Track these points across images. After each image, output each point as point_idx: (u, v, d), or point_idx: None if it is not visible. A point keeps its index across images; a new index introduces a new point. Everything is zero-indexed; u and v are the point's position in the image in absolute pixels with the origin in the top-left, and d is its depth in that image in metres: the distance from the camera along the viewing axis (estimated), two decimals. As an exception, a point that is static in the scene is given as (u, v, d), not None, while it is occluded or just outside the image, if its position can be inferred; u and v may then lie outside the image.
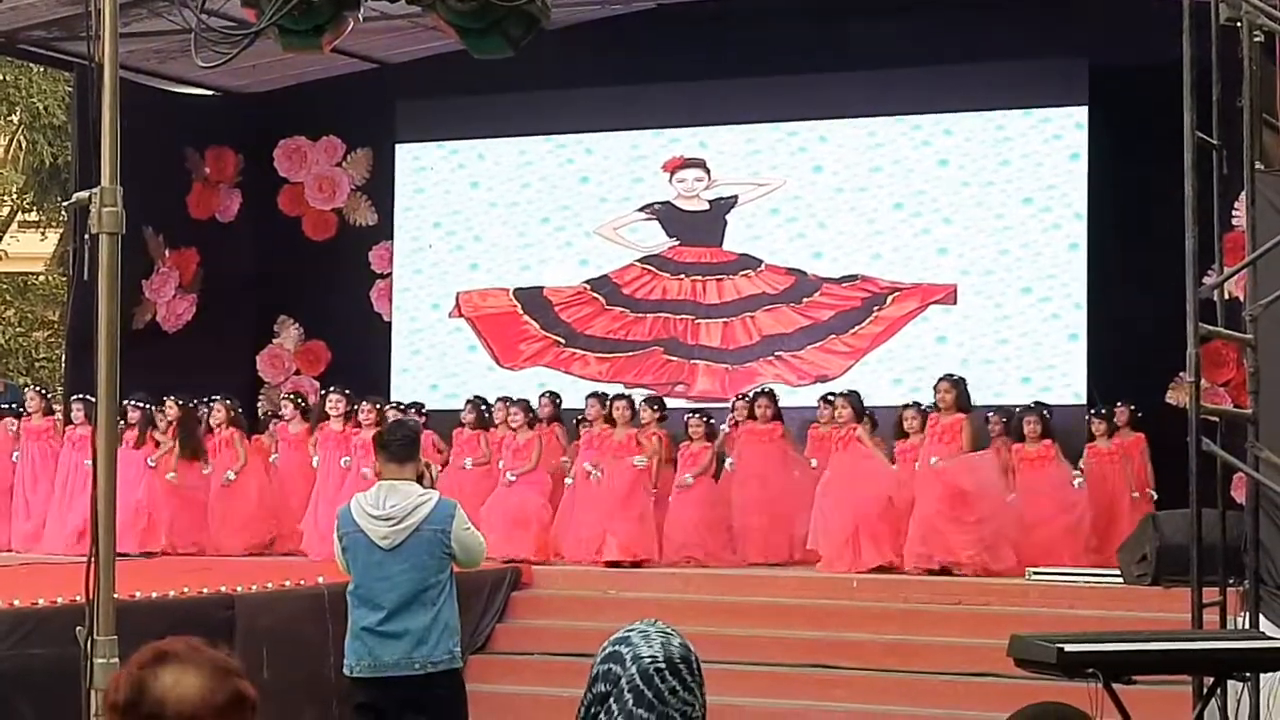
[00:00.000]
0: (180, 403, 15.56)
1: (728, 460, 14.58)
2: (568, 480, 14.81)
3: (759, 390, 15.19)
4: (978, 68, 16.03)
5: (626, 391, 15.14)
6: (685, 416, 14.82)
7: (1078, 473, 13.95)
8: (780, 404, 15.05)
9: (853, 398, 14.24)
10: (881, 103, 16.39)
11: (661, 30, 16.57)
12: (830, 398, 14.90)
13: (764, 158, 16.93)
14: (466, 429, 15.28)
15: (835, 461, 14.03)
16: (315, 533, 14.49)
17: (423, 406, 16.00)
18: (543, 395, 15.77)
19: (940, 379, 13.91)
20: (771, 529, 14.48)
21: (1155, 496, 14.06)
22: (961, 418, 13.65)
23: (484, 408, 15.46)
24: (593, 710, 3.21)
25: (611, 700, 3.18)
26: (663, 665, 3.19)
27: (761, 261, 16.85)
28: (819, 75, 16.40)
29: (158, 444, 15.27)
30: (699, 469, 14.42)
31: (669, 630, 3.27)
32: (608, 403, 14.70)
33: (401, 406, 15.81)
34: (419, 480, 7.67)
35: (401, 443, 7.70)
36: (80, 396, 15.08)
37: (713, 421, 14.72)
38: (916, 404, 14.14)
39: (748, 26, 16.43)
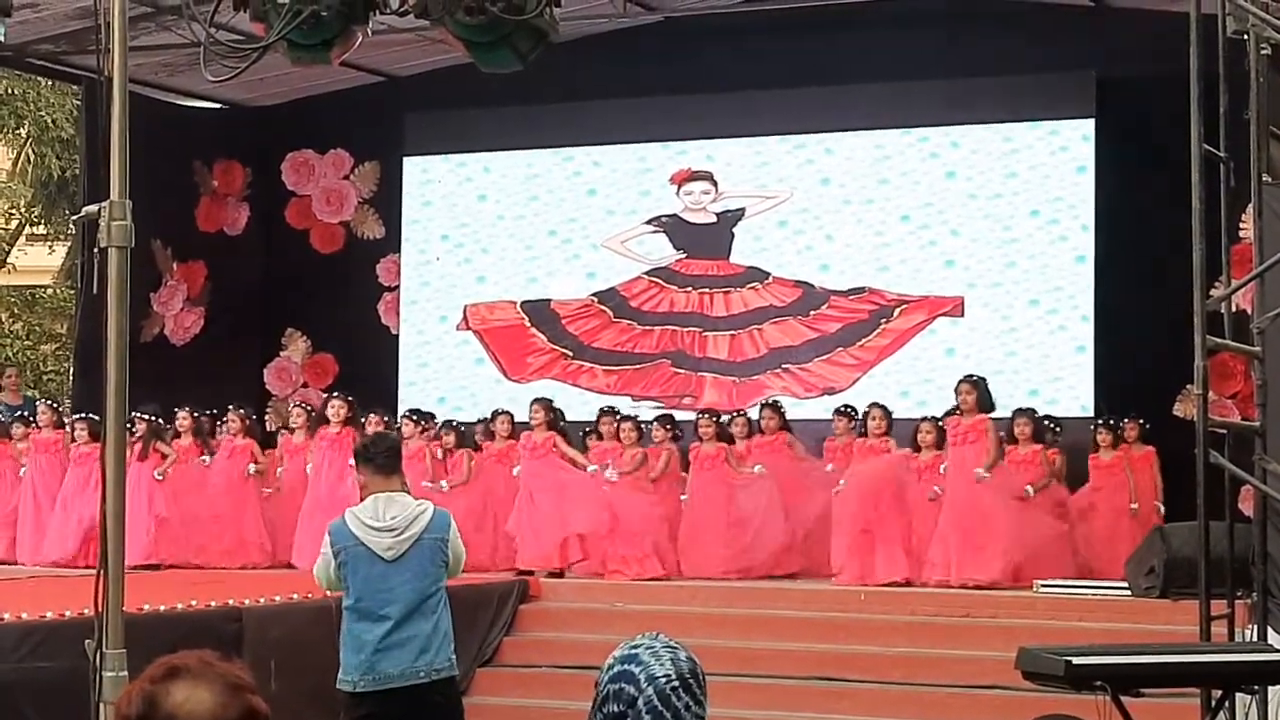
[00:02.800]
0: (196, 414, 15.62)
1: (756, 466, 14.51)
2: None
3: (764, 402, 15.15)
4: (985, 80, 16.03)
5: (633, 411, 15.02)
6: (696, 418, 14.77)
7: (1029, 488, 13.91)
8: (787, 416, 15.06)
9: (886, 410, 14.21)
10: (888, 115, 16.38)
11: (669, 43, 16.58)
12: (846, 409, 14.88)
13: (771, 170, 16.92)
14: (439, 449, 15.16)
15: (856, 471, 14.00)
16: (309, 542, 14.57)
17: (432, 416, 15.95)
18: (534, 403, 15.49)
19: (961, 380, 13.83)
20: (786, 540, 14.48)
21: (1162, 509, 14.05)
22: (985, 419, 13.60)
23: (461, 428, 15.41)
24: (605, 729, 3.21)
25: (628, 720, 3.18)
26: (677, 684, 3.20)
27: (769, 274, 16.84)
28: (825, 88, 16.41)
29: (163, 456, 15.26)
30: (713, 470, 14.39)
31: (673, 645, 3.27)
32: (617, 422, 14.63)
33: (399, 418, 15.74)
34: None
35: (387, 454, 7.71)
36: (84, 415, 15.08)
37: (723, 421, 14.69)
38: (933, 418, 14.10)
39: (754, 39, 16.44)
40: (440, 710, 7.60)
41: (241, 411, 15.76)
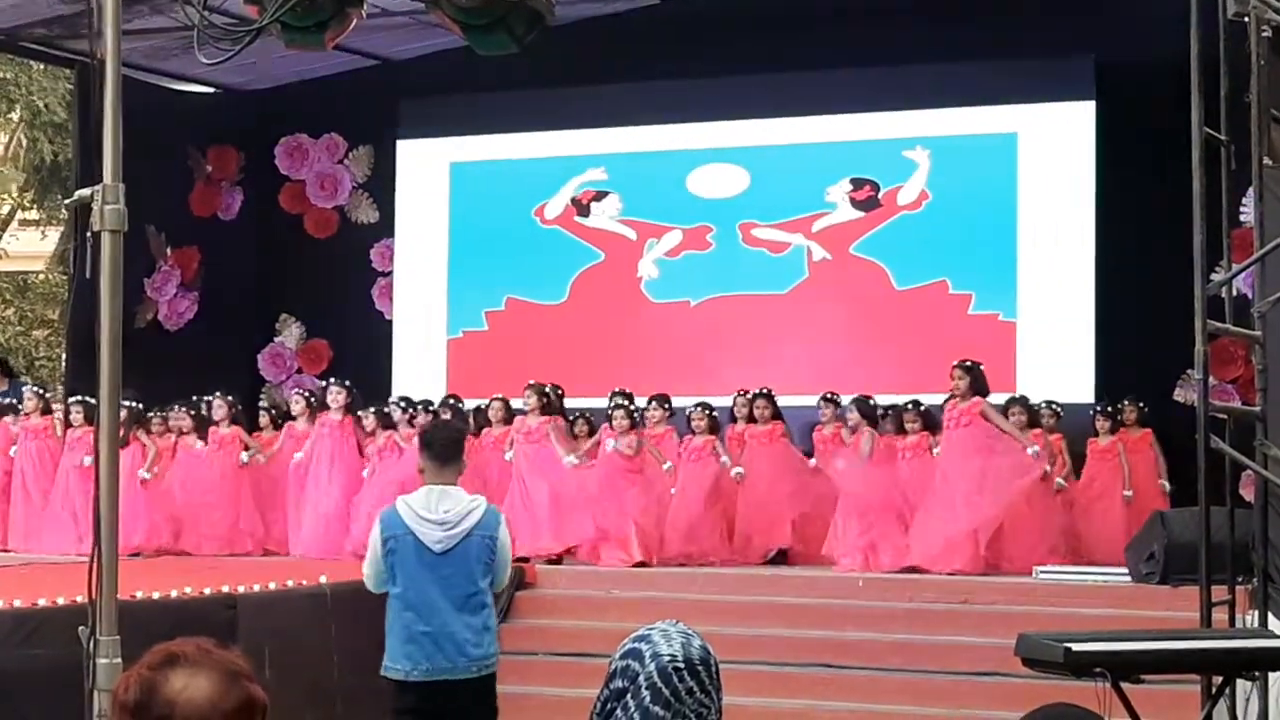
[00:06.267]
0: (193, 413, 15.62)
1: (735, 470, 14.47)
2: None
3: (757, 391, 15.08)
4: (985, 64, 15.99)
5: (625, 402, 14.93)
6: (687, 411, 14.74)
7: (1060, 481, 13.92)
8: (784, 404, 15.04)
9: (861, 403, 14.16)
10: (888, 99, 16.34)
11: (667, 26, 16.53)
12: (831, 398, 14.86)
13: (774, 153, 16.87)
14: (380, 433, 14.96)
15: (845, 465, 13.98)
16: (314, 528, 14.61)
17: (431, 404, 15.89)
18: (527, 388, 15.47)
19: (954, 365, 13.81)
20: (777, 530, 14.45)
21: (1169, 489, 14.04)
22: (979, 402, 13.58)
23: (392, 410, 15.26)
24: (609, 706, 3.22)
25: (629, 696, 3.18)
26: (681, 665, 3.19)
27: (772, 261, 16.80)
28: (824, 71, 16.36)
29: (144, 446, 15.18)
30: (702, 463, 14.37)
31: (690, 632, 3.27)
32: (610, 409, 14.60)
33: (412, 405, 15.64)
34: None
35: (444, 443, 7.75)
36: (79, 399, 15.03)
37: (715, 414, 14.67)
38: (916, 403, 14.10)
39: (755, 22, 16.40)
40: (485, 704, 7.70)
41: (230, 399, 15.70)
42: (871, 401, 14.33)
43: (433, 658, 7.48)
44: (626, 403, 14.64)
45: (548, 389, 15.03)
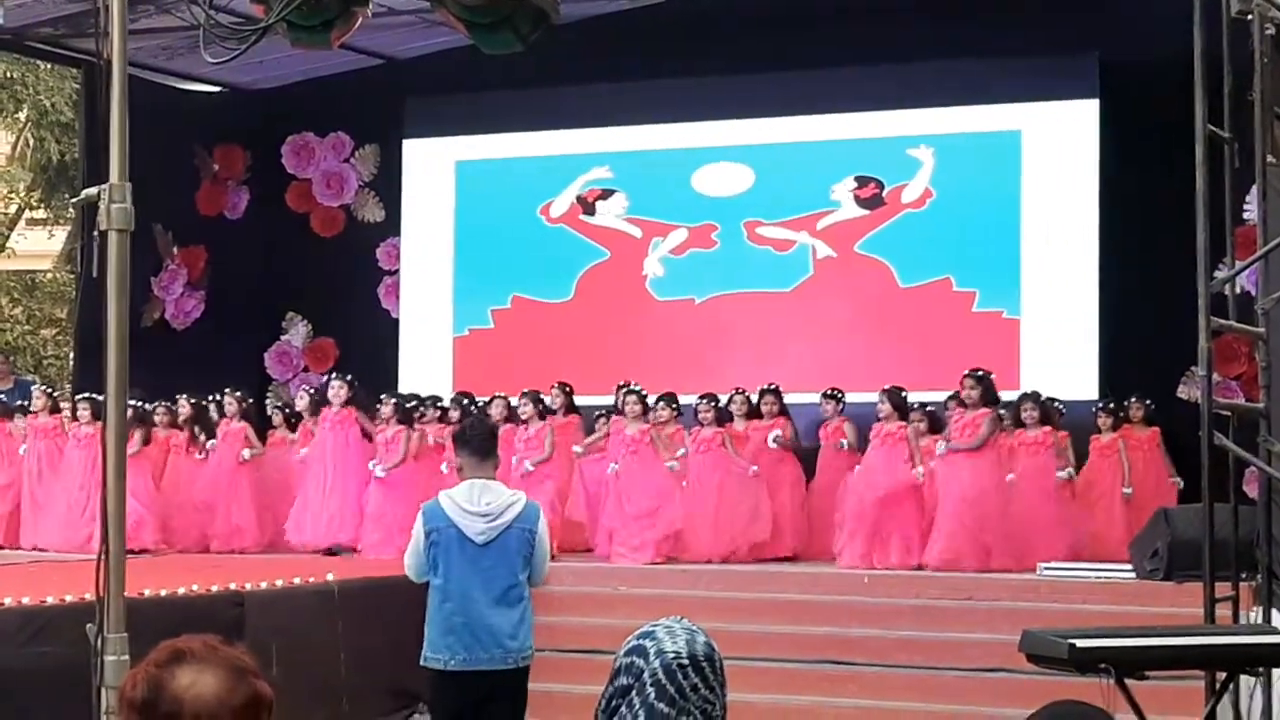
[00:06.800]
0: (192, 401, 15.67)
1: (752, 468, 14.46)
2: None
3: (765, 387, 15.07)
4: (989, 62, 15.99)
5: (637, 386, 14.94)
6: (695, 404, 14.72)
7: (1069, 471, 13.89)
8: (788, 401, 15.04)
9: (893, 394, 14.08)
10: (893, 97, 16.34)
11: (671, 25, 16.51)
12: (833, 393, 14.84)
13: (778, 151, 16.87)
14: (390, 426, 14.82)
15: (868, 458, 13.94)
16: (316, 520, 14.64)
17: (439, 399, 15.87)
18: (554, 388, 15.56)
19: (965, 375, 13.73)
20: (782, 526, 14.47)
21: (1180, 484, 13.99)
22: (986, 412, 13.55)
23: (408, 404, 15.15)
24: (614, 702, 3.22)
25: (633, 693, 3.19)
26: (686, 661, 3.20)
27: (777, 259, 16.80)
28: (828, 70, 16.35)
29: (146, 442, 15.20)
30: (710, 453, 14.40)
31: (694, 628, 3.28)
32: (621, 397, 14.61)
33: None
34: None
35: (482, 438, 7.90)
36: (86, 396, 15.07)
37: (722, 407, 14.68)
38: (922, 404, 14.07)
39: (758, 22, 16.40)
40: (518, 697, 7.80)
41: (239, 394, 15.73)
42: (904, 393, 14.13)
43: (470, 648, 7.58)
44: (639, 389, 14.62)
45: (544, 397, 15.03)
